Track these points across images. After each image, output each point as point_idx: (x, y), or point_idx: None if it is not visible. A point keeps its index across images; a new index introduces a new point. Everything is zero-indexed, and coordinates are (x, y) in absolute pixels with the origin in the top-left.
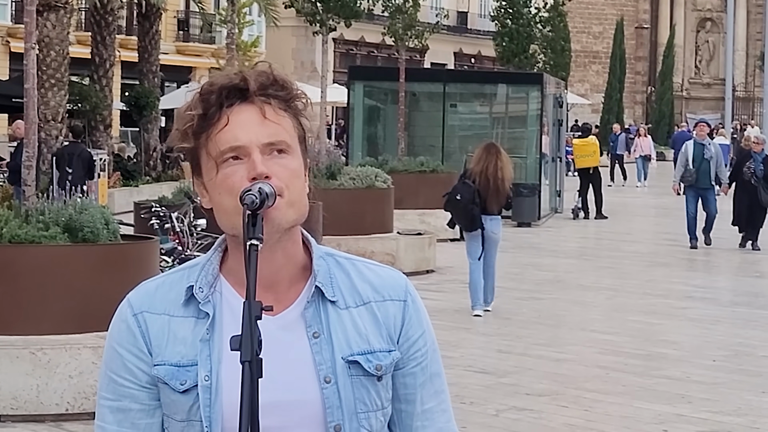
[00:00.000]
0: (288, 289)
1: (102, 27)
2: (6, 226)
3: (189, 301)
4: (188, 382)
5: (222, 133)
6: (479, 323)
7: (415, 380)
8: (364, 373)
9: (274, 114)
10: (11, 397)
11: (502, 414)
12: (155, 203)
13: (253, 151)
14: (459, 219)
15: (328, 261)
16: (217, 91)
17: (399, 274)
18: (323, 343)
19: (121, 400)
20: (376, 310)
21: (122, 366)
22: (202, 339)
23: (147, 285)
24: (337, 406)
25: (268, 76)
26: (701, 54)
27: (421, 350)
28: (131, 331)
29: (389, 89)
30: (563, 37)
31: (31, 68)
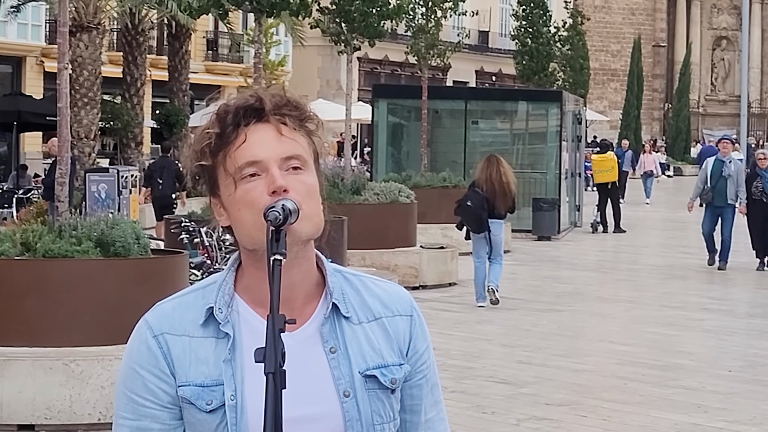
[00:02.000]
0: (303, 306)
1: (133, 47)
2: (40, 241)
3: (208, 322)
4: (214, 402)
5: (240, 150)
6: (500, 336)
7: (421, 392)
8: (380, 386)
9: (289, 131)
10: (45, 408)
11: (522, 423)
12: (185, 218)
13: (272, 166)
14: (468, 222)
15: (338, 277)
16: (233, 111)
17: (404, 290)
18: (340, 357)
19: (141, 419)
20: (387, 325)
21: (143, 387)
22: (225, 360)
23: (163, 306)
24: (357, 419)
25: (282, 97)
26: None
27: (426, 362)
28: (152, 353)
29: (412, 107)
30: (582, 56)
31: (65, 87)
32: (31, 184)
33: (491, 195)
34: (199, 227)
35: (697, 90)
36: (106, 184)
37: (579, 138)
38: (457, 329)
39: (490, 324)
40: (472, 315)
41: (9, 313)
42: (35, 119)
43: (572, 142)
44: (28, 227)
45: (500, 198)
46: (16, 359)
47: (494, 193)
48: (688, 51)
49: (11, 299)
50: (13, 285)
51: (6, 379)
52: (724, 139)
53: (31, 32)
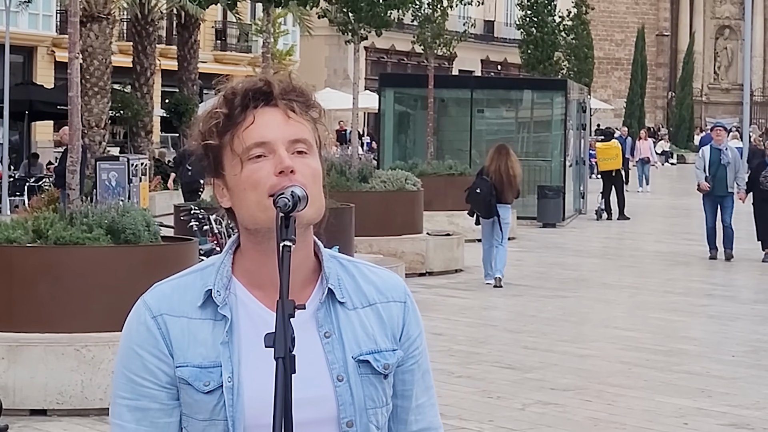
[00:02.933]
0: (300, 290)
1: (143, 37)
2: (51, 228)
3: (206, 304)
4: (212, 383)
5: (248, 131)
6: (506, 321)
7: (413, 377)
8: (373, 371)
9: (296, 116)
10: (57, 392)
11: (528, 408)
12: (194, 206)
13: (279, 148)
14: (478, 208)
15: (334, 263)
16: (241, 93)
17: (398, 277)
18: (335, 342)
19: (140, 399)
20: (382, 311)
21: (142, 367)
22: (223, 342)
23: (162, 287)
24: (350, 403)
25: (289, 83)
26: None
27: (419, 348)
28: (151, 333)
29: (419, 95)
30: (586, 45)
31: (75, 77)
32: (42, 172)
33: (499, 184)
34: (208, 215)
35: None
36: (116, 173)
37: (583, 126)
38: (463, 315)
39: (495, 310)
40: (478, 301)
41: (21, 299)
42: (46, 108)
43: (576, 130)
44: (39, 215)
45: (507, 187)
46: (28, 345)
47: (501, 183)
48: (692, 40)
49: (23, 286)
50: (25, 272)
51: (18, 364)
52: (717, 127)
53: (42, 22)
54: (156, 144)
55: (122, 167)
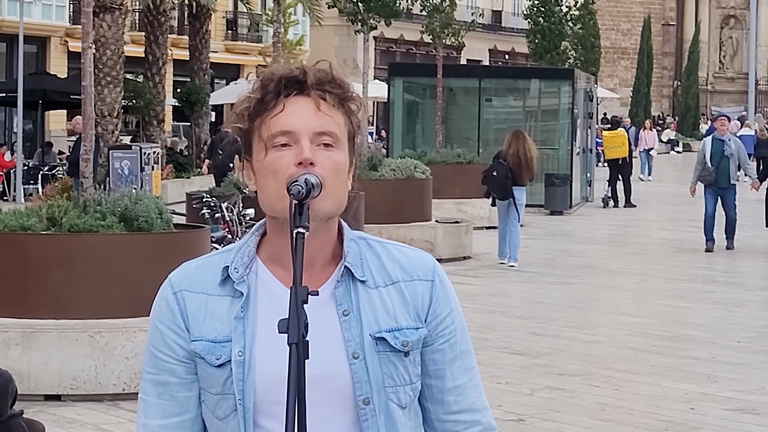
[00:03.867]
0: (321, 271)
1: (155, 27)
2: (65, 216)
3: (225, 281)
4: (223, 356)
5: (276, 118)
6: (514, 308)
7: (443, 356)
8: (391, 349)
9: (327, 108)
10: (71, 378)
11: (536, 393)
12: (206, 194)
13: (303, 138)
14: (494, 190)
15: (360, 244)
16: (276, 80)
17: (427, 256)
18: (352, 320)
19: (161, 374)
20: (405, 290)
21: (162, 342)
22: (237, 316)
23: (187, 265)
24: (366, 381)
25: (327, 74)
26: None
27: (449, 328)
28: (171, 309)
29: (427, 85)
30: (593, 34)
31: (88, 66)
32: (56, 161)
33: (516, 167)
34: (220, 203)
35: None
36: (129, 161)
37: (590, 115)
38: (471, 302)
39: (504, 296)
40: (486, 288)
41: (36, 286)
42: (60, 98)
43: (583, 119)
44: (53, 203)
45: (524, 170)
46: (42, 331)
47: (519, 166)
48: (697, 29)
49: (38, 273)
50: (39, 259)
51: (33, 350)
52: (721, 117)
53: (55, 13)
54: (168, 133)
55: (135, 156)
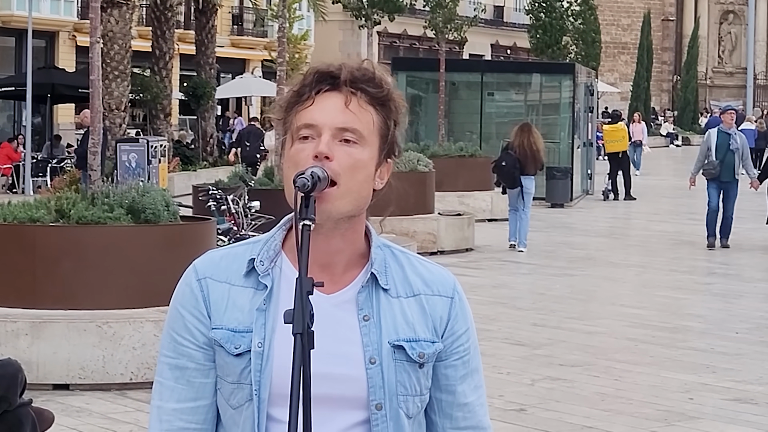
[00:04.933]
0: (343, 272)
1: (162, 22)
2: (74, 208)
3: (250, 273)
4: (242, 346)
5: (304, 111)
6: (516, 299)
7: (455, 372)
8: (408, 358)
9: (356, 105)
10: (79, 368)
11: (537, 383)
12: (212, 186)
13: (324, 132)
14: (503, 179)
15: (385, 251)
16: (313, 74)
17: (448, 273)
18: (372, 326)
19: (179, 358)
20: (425, 303)
21: (183, 326)
22: (259, 308)
23: (213, 254)
24: (380, 386)
25: (365, 72)
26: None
27: (464, 345)
28: (194, 295)
29: (430, 79)
30: (594, 30)
31: (96, 61)
32: (64, 153)
33: (523, 157)
34: (226, 195)
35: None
36: (136, 154)
37: (591, 109)
38: (474, 293)
39: (505, 288)
40: (488, 279)
41: (44, 277)
42: (68, 91)
43: (584, 113)
44: (62, 195)
45: (530, 160)
46: (51, 321)
47: (525, 156)
48: (696, 25)
49: (47, 264)
50: (48, 250)
51: (42, 340)
52: (729, 110)
53: (63, 8)
54: (174, 126)
55: (142, 149)
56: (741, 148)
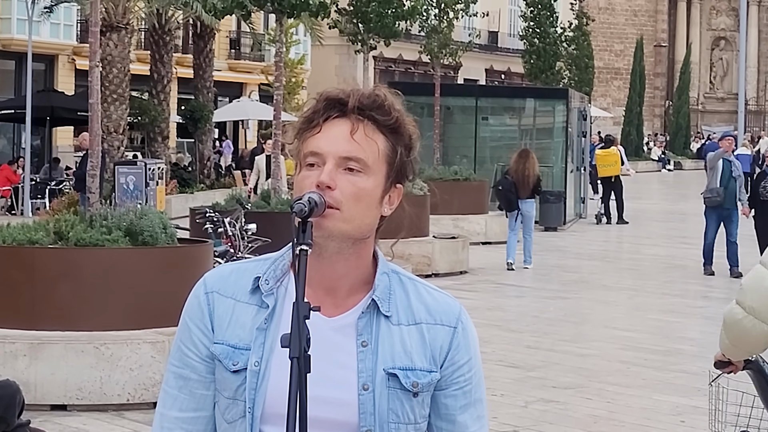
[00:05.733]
0: (347, 297)
1: (160, 46)
2: (72, 230)
3: (255, 291)
4: (240, 363)
5: (311, 139)
6: (510, 322)
7: (456, 402)
8: (401, 387)
9: (362, 134)
10: (77, 388)
11: (530, 405)
12: (209, 209)
13: (328, 161)
14: (501, 202)
15: (392, 278)
16: (324, 101)
17: (455, 302)
18: (369, 352)
19: (184, 368)
20: (426, 332)
21: (189, 338)
22: (259, 327)
23: (223, 268)
24: (371, 413)
25: (375, 99)
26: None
27: (465, 376)
28: (201, 308)
29: (425, 103)
30: (587, 55)
31: (95, 84)
32: (63, 176)
33: (518, 182)
34: (222, 218)
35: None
36: (134, 176)
37: (584, 133)
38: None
39: (499, 310)
40: (482, 302)
41: (43, 298)
42: (67, 114)
43: (577, 138)
44: (60, 217)
45: (523, 186)
46: (49, 342)
47: (520, 182)
48: (688, 51)
49: (45, 285)
50: (46, 272)
51: (40, 361)
52: (728, 136)
53: (63, 32)
54: (172, 149)
55: (140, 171)
56: (741, 174)
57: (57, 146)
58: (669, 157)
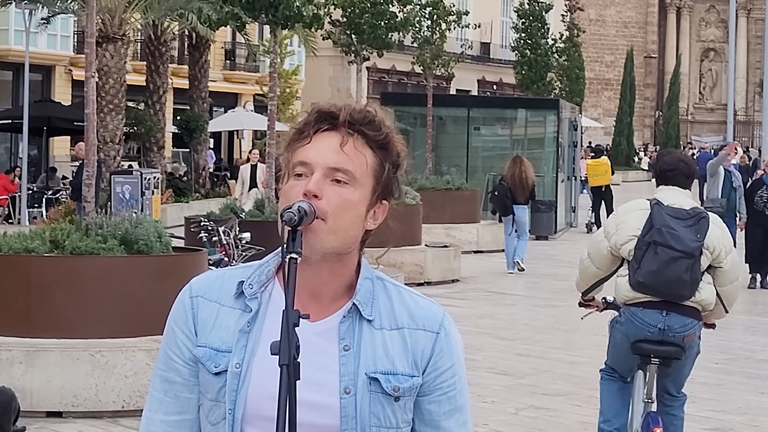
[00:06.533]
0: (330, 302)
1: (156, 57)
2: (68, 239)
3: (240, 295)
4: (221, 366)
5: (301, 149)
6: (501, 329)
7: (439, 408)
8: (383, 391)
9: (352, 147)
10: (72, 395)
11: (521, 412)
12: (204, 218)
13: (316, 171)
14: (497, 207)
15: (376, 283)
16: (315, 114)
17: (438, 308)
18: (351, 356)
19: (169, 372)
20: (407, 337)
21: (173, 341)
22: (242, 330)
23: (210, 274)
24: (353, 417)
25: (366, 115)
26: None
27: (448, 381)
28: (185, 312)
29: (418, 113)
30: (578, 66)
31: (91, 95)
32: (59, 185)
33: (513, 187)
34: (217, 226)
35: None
36: (130, 186)
37: (575, 143)
38: (459, 323)
39: (491, 318)
40: (474, 310)
41: (39, 306)
42: (64, 124)
43: (568, 147)
44: (57, 226)
45: (519, 190)
46: (45, 350)
47: (515, 186)
48: (678, 62)
49: (41, 293)
50: (42, 280)
51: (36, 368)
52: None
53: (60, 43)
54: (168, 159)
55: (135, 181)
56: (740, 185)
57: (54, 156)
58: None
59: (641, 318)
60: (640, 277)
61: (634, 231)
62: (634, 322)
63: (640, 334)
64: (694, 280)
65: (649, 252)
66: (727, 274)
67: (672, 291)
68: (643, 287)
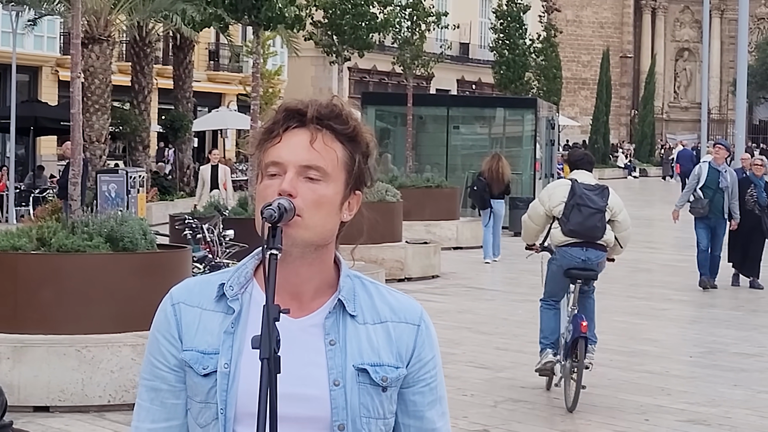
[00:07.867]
0: (311, 300)
1: (141, 57)
2: (54, 237)
3: (221, 298)
4: (209, 367)
5: (272, 149)
6: (480, 324)
7: (423, 399)
8: (371, 381)
9: (321, 143)
10: (59, 390)
11: (500, 405)
12: (188, 215)
13: (289, 170)
14: (475, 201)
15: (355, 281)
16: (283, 112)
17: (416, 303)
18: (337, 350)
19: (154, 380)
20: (391, 330)
21: (158, 349)
22: (227, 331)
23: (189, 281)
24: (343, 408)
25: (333, 109)
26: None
27: (430, 372)
28: (168, 319)
29: (398, 113)
30: (555, 66)
31: (77, 95)
32: (46, 184)
33: (491, 181)
34: (201, 224)
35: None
36: (115, 184)
37: (552, 142)
38: (440, 318)
39: (470, 313)
40: (453, 305)
41: (26, 303)
42: (50, 124)
43: (546, 146)
44: (43, 224)
45: (496, 183)
46: (32, 346)
47: (493, 180)
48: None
49: (28, 290)
50: (29, 277)
51: (23, 364)
52: (718, 144)
53: (46, 44)
54: (152, 158)
55: (121, 179)
56: (731, 186)
57: (41, 155)
58: (635, 164)
59: (570, 253)
60: (571, 226)
61: (561, 198)
62: (565, 256)
63: (570, 264)
64: (603, 227)
65: (575, 210)
66: (622, 224)
67: (591, 234)
68: (573, 233)
